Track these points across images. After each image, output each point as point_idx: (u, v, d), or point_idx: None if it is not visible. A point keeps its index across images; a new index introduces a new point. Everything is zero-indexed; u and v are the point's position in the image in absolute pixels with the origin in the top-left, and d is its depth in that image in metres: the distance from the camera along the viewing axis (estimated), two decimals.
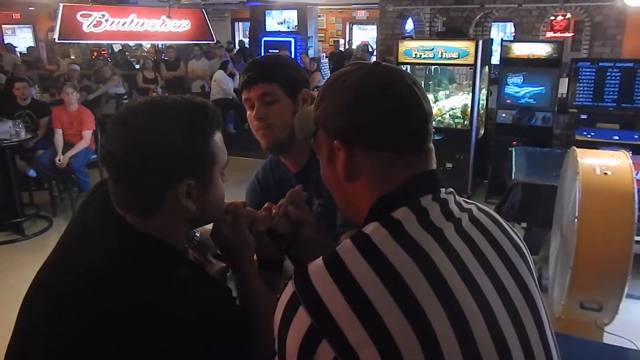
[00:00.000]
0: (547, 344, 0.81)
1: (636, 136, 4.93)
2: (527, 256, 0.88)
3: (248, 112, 1.40)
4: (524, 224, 3.94)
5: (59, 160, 5.16)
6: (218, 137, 0.97)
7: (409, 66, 5.85)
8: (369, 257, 0.73)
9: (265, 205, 1.23)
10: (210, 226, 1.19)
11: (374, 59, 10.45)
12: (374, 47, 13.07)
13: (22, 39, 16.16)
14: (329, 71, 11.33)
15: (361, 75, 0.84)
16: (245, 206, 1.17)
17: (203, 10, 7.37)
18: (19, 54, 12.08)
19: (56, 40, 7.10)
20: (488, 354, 0.72)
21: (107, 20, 5.82)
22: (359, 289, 0.70)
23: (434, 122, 0.85)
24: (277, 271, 1.20)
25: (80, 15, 5.63)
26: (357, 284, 0.71)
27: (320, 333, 0.69)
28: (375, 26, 13.17)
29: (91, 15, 5.68)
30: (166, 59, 10.00)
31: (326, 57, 12.95)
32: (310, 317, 0.70)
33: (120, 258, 0.90)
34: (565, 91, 5.55)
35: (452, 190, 0.85)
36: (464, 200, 0.87)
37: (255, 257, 1.16)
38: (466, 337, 0.71)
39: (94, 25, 5.73)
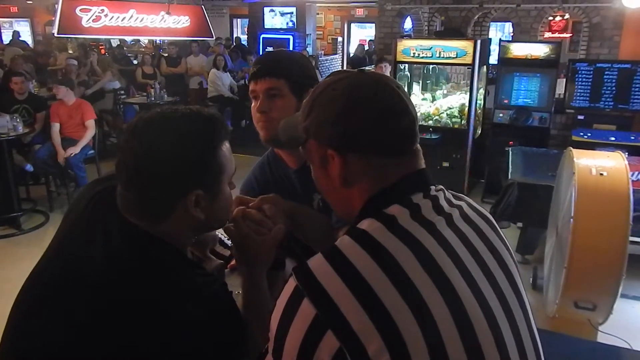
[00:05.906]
0: (534, 336, 0.85)
1: (632, 137, 4.96)
2: (511, 252, 0.92)
3: (252, 104, 1.41)
4: (519, 224, 3.96)
5: (71, 154, 5.18)
6: (226, 147, 1.00)
7: (407, 65, 5.85)
8: (367, 248, 0.76)
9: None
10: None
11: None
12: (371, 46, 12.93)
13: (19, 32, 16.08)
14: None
15: (349, 84, 0.86)
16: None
17: (202, 6, 7.36)
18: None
19: (55, 35, 7.07)
20: (485, 339, 0.75)
21: (106, 15, 5.81)
22: (360, 277, 0.73)
23: (431, 122, 0.88)
24: (279, 270, 1.21)
25: (80, 10, 5.62)
26: (358, 272, 0.73)
27: (325, 323, 0.71)
28: (374, 25, 13.10)
29: (90, 10, 5.66)
30: (166, 55, 9.88)
31: (324, 55, 12.87)
32: (315, 308, 0.72)
33: (123, 256, 0.92)
34: (563, 92, 5.57)
35: (441, 187, 0.89)
36: (453, 196, 0.90)
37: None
38: (463, 321, 0.74)
39: (93, 20, 5.71)
